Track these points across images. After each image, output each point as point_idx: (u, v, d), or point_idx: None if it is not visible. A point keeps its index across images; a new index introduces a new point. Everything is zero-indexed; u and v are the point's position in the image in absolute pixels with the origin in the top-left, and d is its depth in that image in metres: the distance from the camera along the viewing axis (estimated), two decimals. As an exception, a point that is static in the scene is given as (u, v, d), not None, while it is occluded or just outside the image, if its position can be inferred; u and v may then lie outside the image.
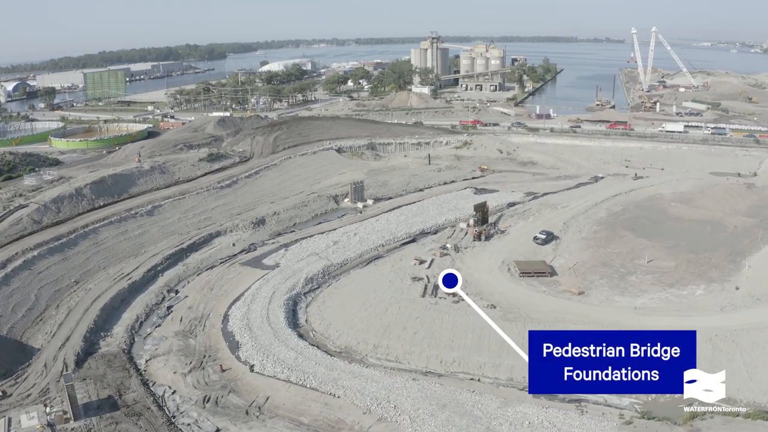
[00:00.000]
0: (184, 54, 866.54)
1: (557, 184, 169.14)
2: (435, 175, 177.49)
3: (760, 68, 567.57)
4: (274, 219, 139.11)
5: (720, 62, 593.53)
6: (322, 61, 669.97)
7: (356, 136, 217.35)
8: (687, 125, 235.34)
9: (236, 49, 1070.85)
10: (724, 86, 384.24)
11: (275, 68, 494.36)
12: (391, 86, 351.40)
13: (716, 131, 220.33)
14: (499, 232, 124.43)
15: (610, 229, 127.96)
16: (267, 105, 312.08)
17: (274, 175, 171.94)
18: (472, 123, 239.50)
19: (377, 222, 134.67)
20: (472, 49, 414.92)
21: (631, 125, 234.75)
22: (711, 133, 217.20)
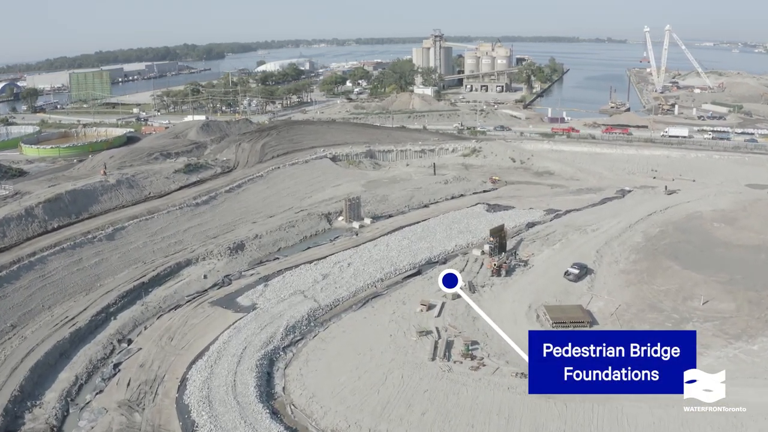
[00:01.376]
0: (182, 54, 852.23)
1: (580, 199, 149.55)
2: (441, 188, 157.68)
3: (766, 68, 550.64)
4: (255, 243, 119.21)
5: (725, 62, 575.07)
6: (321, 61, 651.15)
7: (353, 142, 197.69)
8: (713, 131, 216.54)
9: (235, 49, 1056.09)
10: (741, 87, 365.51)
11: (271, 68, 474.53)
12: (391, 87, 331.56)
13: (748, 138, 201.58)
14: (521, 263, 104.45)
15: (651, 259, 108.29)
16: (259, 107, 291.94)
17: (259, 189, 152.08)
18: (567, 131, 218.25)
19: (375, 248, 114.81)
20: (477, 48, 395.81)
21: (629, 130, 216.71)
22: (744, 141, 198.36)
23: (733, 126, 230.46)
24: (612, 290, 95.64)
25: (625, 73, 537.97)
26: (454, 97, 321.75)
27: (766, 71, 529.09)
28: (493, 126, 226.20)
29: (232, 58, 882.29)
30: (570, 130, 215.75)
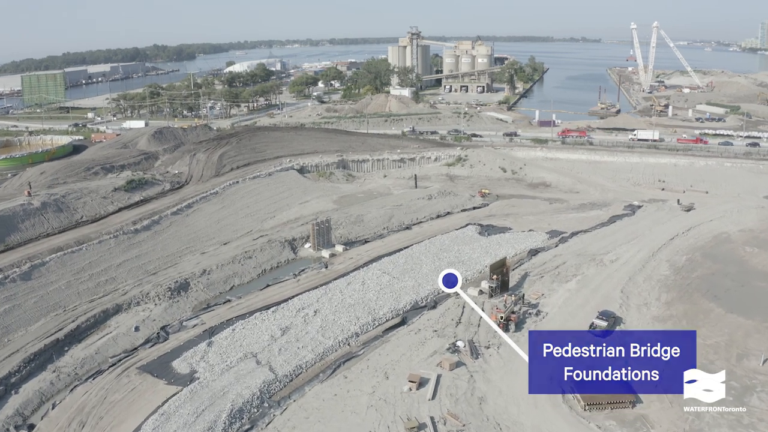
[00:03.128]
0: (152, 55, 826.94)
1: (585, 217, 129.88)
2: (425, 205, 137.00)
3: (743, 66, 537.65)
4: (202, 281, 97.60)
5: (702, 61, 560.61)
6: (293, 61, 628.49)
7: (324, 150, 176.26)
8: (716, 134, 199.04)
9: (207, 50, 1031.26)
10: (732, 87, 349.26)
11: (239, 69, 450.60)
12: (366, 88, 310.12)
13: (750, 143, 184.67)
14: (531, 308, 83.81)
15: (687, 299, 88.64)
16: (223, 111, 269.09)
17: (212, 209, 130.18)
18: (580, 134, 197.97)
19: (348, 287, 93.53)
20: (456, 47, 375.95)
21: (586, 132, 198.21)
22: (746, 145, 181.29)
23: (734, 129, 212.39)
24: (649, 346, 75.28)
25: (606, 72, 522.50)
26: (433, 99, 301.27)
27: (748, 70, 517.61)
28: (500, 132, 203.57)
29: (203, 58, 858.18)
30: (583, 134, 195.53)
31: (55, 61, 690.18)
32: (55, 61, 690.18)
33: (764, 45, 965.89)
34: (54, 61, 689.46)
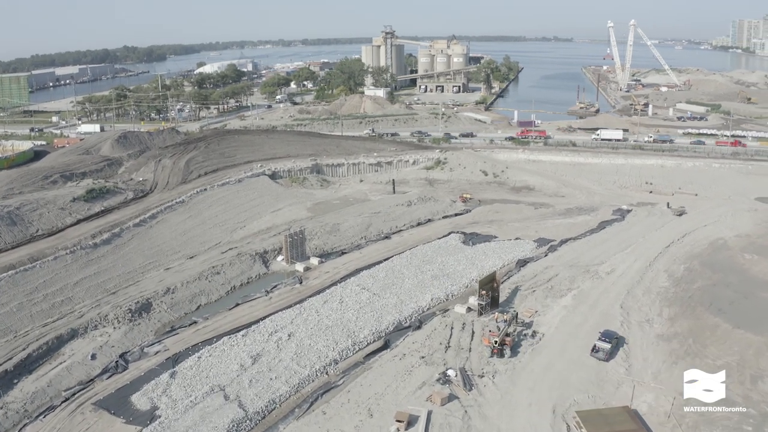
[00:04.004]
0: (122, 56, 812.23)
1: (573, 223, 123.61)
2: (404, 212, 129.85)
3: (715, 64, 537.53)
4: (165, 301, 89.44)
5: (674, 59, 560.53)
6: (265, 62, 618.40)
7: (297, 154, 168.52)
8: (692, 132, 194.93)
9: (178, 51, 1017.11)
10: (709, 85, 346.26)
11: (209, 70, 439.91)
12: (340, 89, 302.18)
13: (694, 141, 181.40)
14: (525, 328, 76.71)
15: (690, 313, 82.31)
16: (192, 114, 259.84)
17: (178, 219, 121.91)
18: (539, 134, 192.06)
19: (325, 305, 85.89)
20: (431, 46, 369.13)
21: (546, 132, 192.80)
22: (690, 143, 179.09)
23: (719, 128, 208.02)
24: (657, 370, 68.83)
25: (581, 71, 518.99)
26: (409, 99, 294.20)
27: (721, 67, 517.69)
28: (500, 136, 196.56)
29: (173, 60, 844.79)
30: (543, 134, 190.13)
31: (23, 64, 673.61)
32: (23, 64, 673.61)
33: (735, 43, 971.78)
34: (22, 64, 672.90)
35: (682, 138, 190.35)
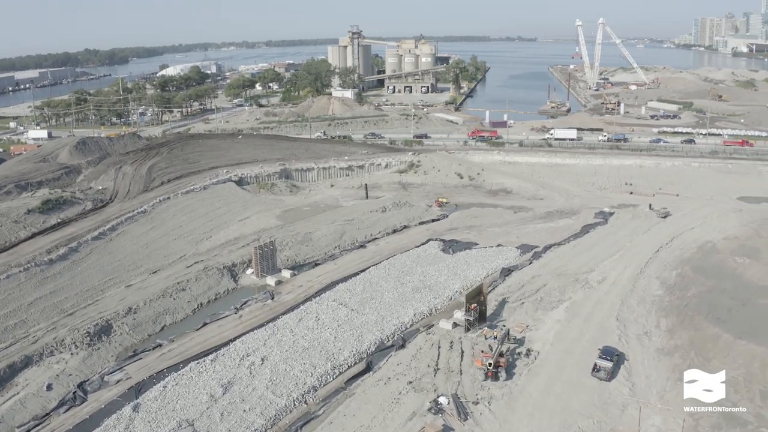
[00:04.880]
0: (84, 60, 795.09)
1: (554, 227, 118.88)
2: (379, 219, 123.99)
3: (678, 62, 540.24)
4: (127, 322, 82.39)
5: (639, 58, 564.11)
6: (229, 63, 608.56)
7: (265, 159, 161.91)
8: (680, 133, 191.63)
9: (141, 54, 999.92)
10: (678, 83, 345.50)
11: (172, 72, 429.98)
12: (306, 90, 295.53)
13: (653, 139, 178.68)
14: (519, 347, 71.11)
15: (689, 323, 77.80)
16: (155, 117, 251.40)
17: (140, 231, 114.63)
18: (491, 134, 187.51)
19: (300, 324, 79.55)
20: (399, 46, 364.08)
21: (497, 132, 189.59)
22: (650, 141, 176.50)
23: (694, 126, 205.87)
24: (662, 389, 63.92)
25: (548, 70, 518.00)
26: (377, 100, 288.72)
27: (684, 65, 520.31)
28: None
29: (136, 62, 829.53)
30: (495, 134, 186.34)
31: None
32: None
33: (698, 41, 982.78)
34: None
35: (648, 137, 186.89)
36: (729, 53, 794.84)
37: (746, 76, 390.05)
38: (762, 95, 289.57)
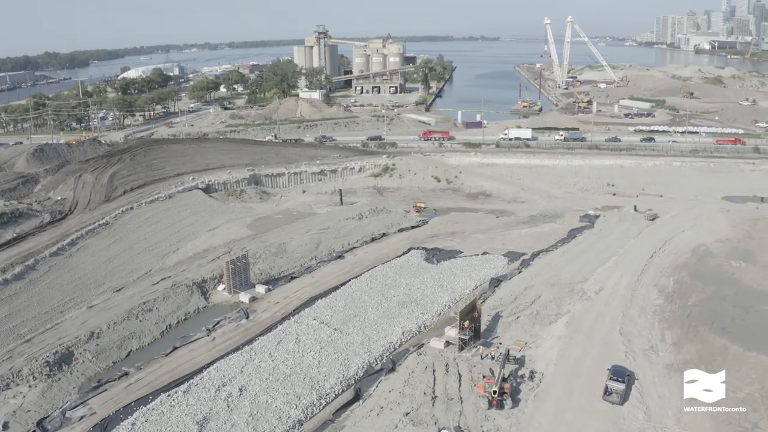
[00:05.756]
0: (43, 63, 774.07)
1: (540, 232, 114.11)
2: (356, 227, 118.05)
3: (641, 60, 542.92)
4: (90, 348, 75.32)
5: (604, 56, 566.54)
6: (191, 65, 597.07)
7: (233, 164, 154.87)
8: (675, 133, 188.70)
9: (102, 57, 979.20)
10: (647, 80, 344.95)
11: (133, 75, 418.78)
12: (273, 91, 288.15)
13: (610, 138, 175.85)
14: (519, 367, 65.48)
15: (694, 335, 73.55)
16: (116, 122, 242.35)
17: (102, 245, 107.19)
18: (443, 135, 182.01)
19: (280, 347, 73.12)
20: (367, 45, 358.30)
21: (449, 133, 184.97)
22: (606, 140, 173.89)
23: (670, 124, 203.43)
24: (677, 410, 58.88)
25: (514, 69, 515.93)
26: (345, 101, 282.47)
27: (647, 63, 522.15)
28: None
29: (97, 65, 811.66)
30: (446, 135, 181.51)
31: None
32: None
33: (659, 39, 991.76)
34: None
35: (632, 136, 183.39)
36: (691, 50, 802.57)
37: (713, 72, 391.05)
38: (732, 92, 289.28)
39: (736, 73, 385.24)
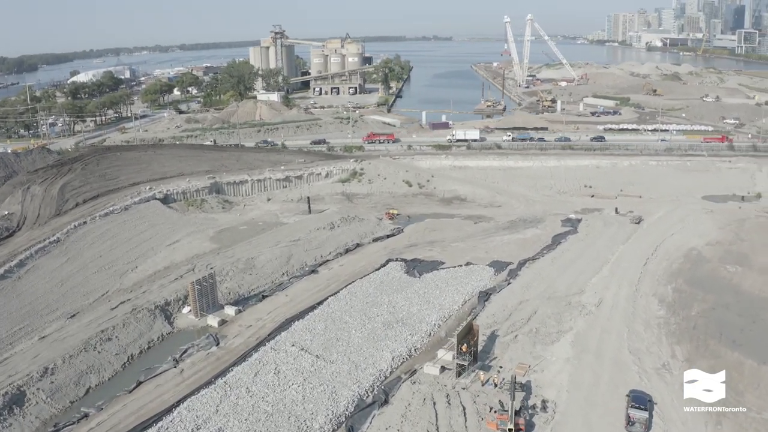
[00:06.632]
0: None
1: (522, 239, 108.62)
2: (328, 237, 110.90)
3: (594, 58, 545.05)
4: (44, 386, 66.92)
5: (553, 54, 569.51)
6: (143, 68, 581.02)
7: (191, 172, 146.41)
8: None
9: (51, 61, 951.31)
10: (607, 78, 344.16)
11: (83, 79, 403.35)
12: (229, 94, 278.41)
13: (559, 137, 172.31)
14: (529, 396, 59.33)
15: (704, 349, 70.65)
16: (66, 128, 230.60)
17: (54, 265, 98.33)
18: (388, 138, 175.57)
19: (258, 380, 65.66)
20: (325, 45, 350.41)
21: (393, 136, 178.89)
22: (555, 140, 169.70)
23: (631, 122, 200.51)
24: (705, 441, 53.18)
25: (471, 68, 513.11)
26: (304, 103, 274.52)
27: (600, 60, 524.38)
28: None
29: (46, 70, 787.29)
30: (391, 137, 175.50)
31: None
32: None
33: (611, 36, 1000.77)
34: None
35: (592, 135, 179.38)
36: (643, 48, 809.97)
37: (670, 69, 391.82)
38: (694, 89, 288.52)
39: (693, 70, 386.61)
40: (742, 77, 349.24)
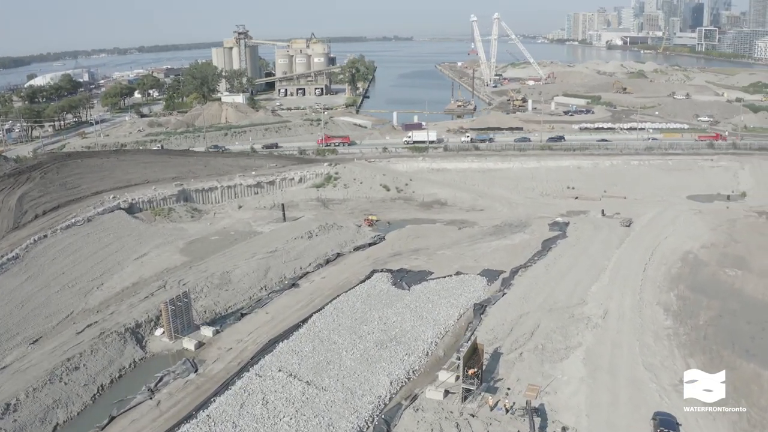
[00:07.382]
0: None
1: (511, 244, 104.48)
2: (306, 247, 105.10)
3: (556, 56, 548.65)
4: (6, 426, 60.10)
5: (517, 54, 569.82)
6: (102, 71, 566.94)
7: (157, 179, 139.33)
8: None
9: (6, 64, 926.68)
10: (575, 77, 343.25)
11: (40, 82, 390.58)
12: (192, 96, 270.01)
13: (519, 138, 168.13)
14: (543, 423, 54.35)
15: (719, 362, 65.90)
16: (23, 134, 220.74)
17: (13, 284, 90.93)
18: (343, 140, 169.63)
19: (245, 412, 59.58)
20: (290, 46, 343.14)
21: (349, 138, 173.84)
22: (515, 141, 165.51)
23: (605, 121, 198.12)
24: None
25: (435, 68, 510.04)
26: (270, 104, 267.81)
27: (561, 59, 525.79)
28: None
29: (1, 73, 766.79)
30: (347, 140, 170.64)
31: None
32: None
33: (571, 36, 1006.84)
34: None
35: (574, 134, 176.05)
36: (603, 46, 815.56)
37: (635, 67, 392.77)
38: (663, 86, 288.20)
39: (658, 68, 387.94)
40: (708, 74, 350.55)
